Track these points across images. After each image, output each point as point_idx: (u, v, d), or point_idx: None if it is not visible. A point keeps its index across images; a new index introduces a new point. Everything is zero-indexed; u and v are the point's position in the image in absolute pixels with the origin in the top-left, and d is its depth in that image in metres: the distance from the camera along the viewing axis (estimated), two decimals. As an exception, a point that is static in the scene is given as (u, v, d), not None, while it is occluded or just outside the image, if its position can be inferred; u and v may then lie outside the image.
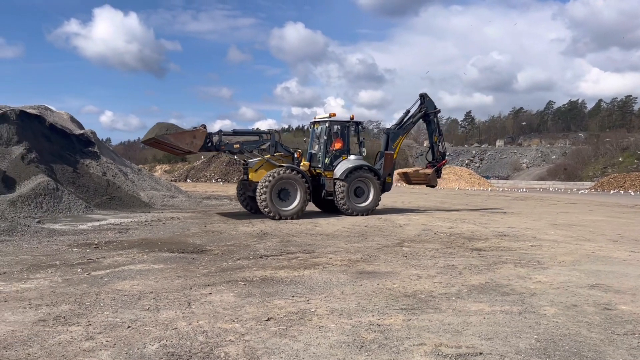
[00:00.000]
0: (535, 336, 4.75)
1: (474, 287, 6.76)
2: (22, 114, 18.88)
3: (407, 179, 20.29)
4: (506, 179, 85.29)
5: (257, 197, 15.02)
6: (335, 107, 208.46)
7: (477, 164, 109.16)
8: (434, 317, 5.34)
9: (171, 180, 48.42)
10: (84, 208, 16.32)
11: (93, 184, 18.72)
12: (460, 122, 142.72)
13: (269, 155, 15.73)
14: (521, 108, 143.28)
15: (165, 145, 14.39)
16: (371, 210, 16.77)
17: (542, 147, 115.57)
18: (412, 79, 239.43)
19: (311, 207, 18.11)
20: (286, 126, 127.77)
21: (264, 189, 14.79)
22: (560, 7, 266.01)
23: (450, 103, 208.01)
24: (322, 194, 16.48)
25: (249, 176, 15.81)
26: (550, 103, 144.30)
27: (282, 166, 15.35)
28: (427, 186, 19.77)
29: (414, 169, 22.52)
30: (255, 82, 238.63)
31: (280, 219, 14.90)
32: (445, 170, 62.38)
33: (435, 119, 19.14)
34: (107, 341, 4.44)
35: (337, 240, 11.20)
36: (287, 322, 5.08)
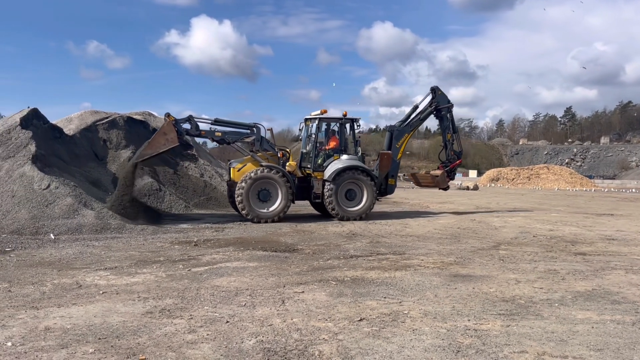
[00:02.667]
0: (653, 349, 4.34)
1: (579, 294, 6.32)
2: (129, 120, 20.34)
3: (417, 180, 18.80)
4: (612, 178, 79.04)
5: (235, 198, 14.24)
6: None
7: (579, 163, 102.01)
8: (536, 324, 5.05)
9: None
10: (184, 207, 17.28)
11: (192, 185, 19.76)
12: (559, 119, 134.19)
13: (260, 153, 14.88)
14: (630, 102, 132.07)
15: (153, 157, 14.12)
16: (364, 216, 15.17)
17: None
18: (506, 74, 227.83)
19: (310, 209, 17.73)
20: (373, 126, 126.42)
21: (241, 189, 13.93)
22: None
23: (548, 99, 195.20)
24: (312, 196, 15.30)
25: (231, 176, 15.01)
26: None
27: (262, 165, 14.39)
28: (439, 189, 18.14)
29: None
30: (343, 83, 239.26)
31: (259, 221, 13.94)
32: (543, 170, 59.19)
33: (448, 115, 17.46)
34: (207, 334, 4.65)
35: (428, 242, 10.97)
36: (379, 323, 5.04)
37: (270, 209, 14.27)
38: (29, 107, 15.83)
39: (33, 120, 15.37)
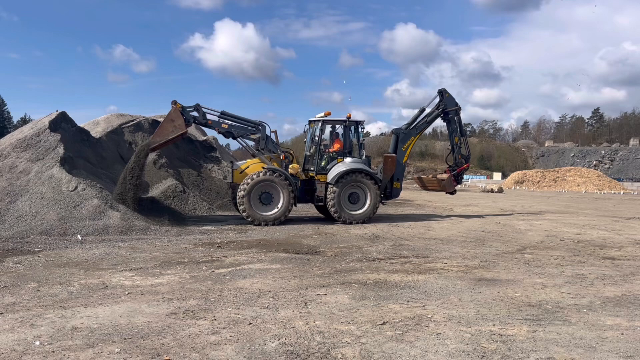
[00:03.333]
0: (686, 358, 4.21)
1: (608, 299, 6.17)
2: (154, 123, 20.62)
3: (423, 184, 18.46)
4: (642, 181, 77.14)
5: (237, 200, 14.23)
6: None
7: (607, 165, 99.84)
8: (563, 329, 4.95)
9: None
10: (207, 209, 17.44)
11: (215, 187, 19.95)
12: (587, 120, 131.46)
13: (266, 155, 14.84)
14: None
15: (163, 143, 14.20)
16: (367, 219, 14.94)
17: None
18: (531, 75, 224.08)
19: (315, 212, 17.53)
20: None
21: (243, 192, 13.88)
22: None
23: (575, 100, 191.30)
24: (315, 199, 15.20)
25: (234, 178, 14.98)
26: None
27: (263, 168, 14.31)
28: (446, 193, 17.86)
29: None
30: (366, 85, 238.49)
31: (260, 224, 13.86)
32: (569, 172, 58.14)
33: (456, 118, 17.18)
34: (231, 336, 4.67)
35: (452, 245, 10.85)
36: (403, 327, 5.00)
37: (272, 212, 14.15)
38: (57, 111, 16.20)
39: (61, 124, 15.71)
